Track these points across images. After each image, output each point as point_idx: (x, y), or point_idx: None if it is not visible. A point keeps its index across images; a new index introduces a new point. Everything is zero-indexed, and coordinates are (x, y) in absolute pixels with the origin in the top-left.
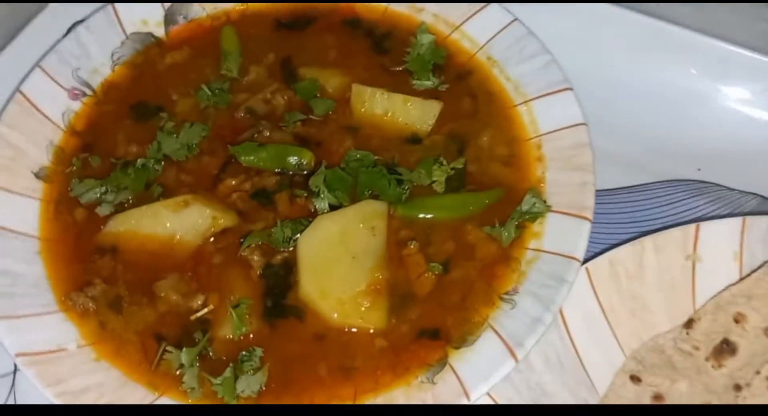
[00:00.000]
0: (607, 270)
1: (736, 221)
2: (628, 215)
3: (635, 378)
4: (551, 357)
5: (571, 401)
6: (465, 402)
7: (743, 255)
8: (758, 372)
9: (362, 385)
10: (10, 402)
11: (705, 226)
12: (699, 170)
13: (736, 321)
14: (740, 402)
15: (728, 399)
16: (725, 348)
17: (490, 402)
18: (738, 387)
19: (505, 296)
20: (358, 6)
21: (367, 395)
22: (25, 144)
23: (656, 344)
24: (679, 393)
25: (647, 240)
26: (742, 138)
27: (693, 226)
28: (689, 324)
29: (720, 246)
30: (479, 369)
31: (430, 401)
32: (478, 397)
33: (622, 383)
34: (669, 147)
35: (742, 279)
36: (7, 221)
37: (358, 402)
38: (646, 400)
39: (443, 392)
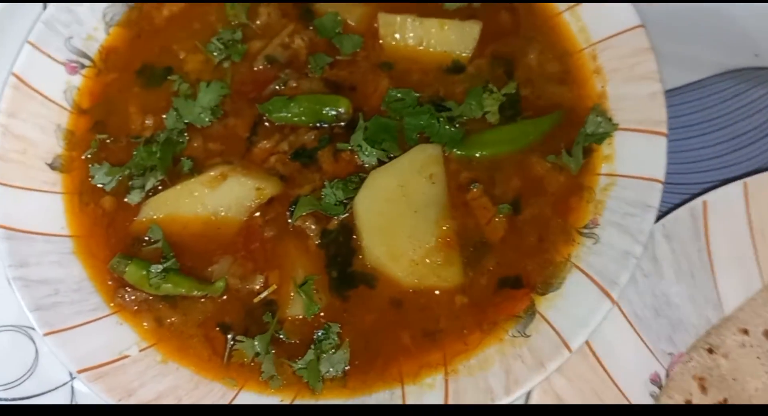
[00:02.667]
0: None
1: None
2: (699, 114)
3: None
4: (684, 268)
5: (693, 316)
6: (566, 354)
7: None
8: None
9: (451, 348)
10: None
11: None
12: (757, 55)
13: None
14: None
15: None
16: None
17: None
18: None
19: (585, 231)
20: None
21: (459, 357)
22: (32, 132)
23: None
24: None
25: None
26: None
27: None
28: None
29: None
30: (573, 315)
31: (527, 356)
32: (579, 347)
33: (764, 302)
34: (723, 37)
35: None
36: (32, 223)
37: (449, 367)
38: None
39: (539, 344)
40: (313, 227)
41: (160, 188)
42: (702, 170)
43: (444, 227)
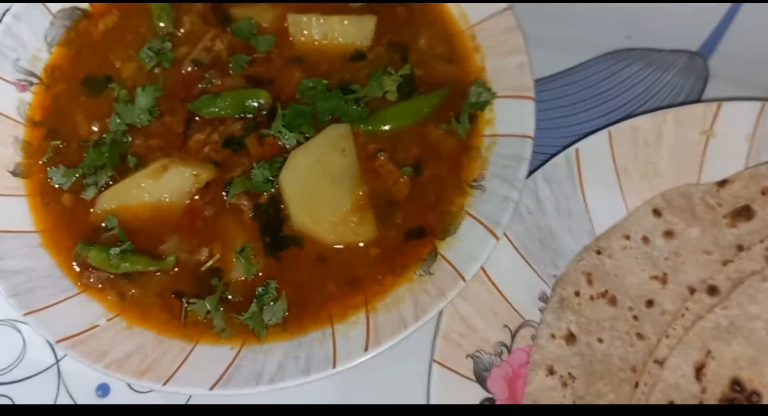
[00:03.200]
0: (628, 135)
1: (756, 105)
2: (577, 95)
3: (657, 212)
4: (562, 205)
5: (572, 244)
6: (461, 284)
7: (755, 138)
8: (762, 242)
9: (370, 291)
10: (62, 389)
11: (726, 105)
12: (629, 38)
13: (763, 193)
14: (737, 260)
15: (728, 255)
16: (743, 213)
17: (506, 243)
18: (740, 248)
19: (474, 184)
20: None
21: (377, 298)
22: None
23: (687, 191)
24: (689, 237)
25: (670, 112)
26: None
27: (715, 104)
28: (723, 183)
29: (735, 126)
30: (467, 253)
31: (432, 290)
32: (472, 277)
33: (645, 213)
34: (597, 22)
35: None
36: (2, 223)
37: (370, 307)
38: (658, 233)
39: (441, 279)
40: (246, 202)
41: (110, 183)
42: (577, 131)
43: (358, 192)
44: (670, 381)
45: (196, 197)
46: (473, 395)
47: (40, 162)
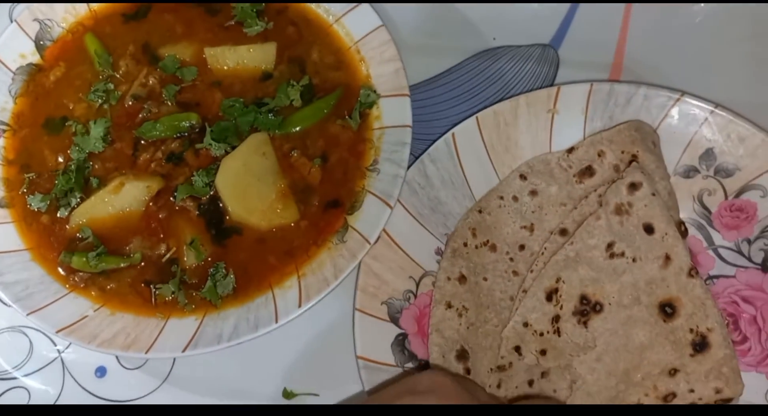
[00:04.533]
0: (492, 118)
1: (586, 86)
2: (453, 91)
3: (523, 177)
4: (446, 178)
5: (457, 207)
6: (368, 246)
7: (588, 110)
8: (595, 190)
9: (300, 260)
10: (67, 376)
11: (564, 88)
12: (494, 39)
13: (599, 155)
14: (579, 206)
15: (576, 203)
16: (587, 171)
17: (402, 210)
18: (586, 198)
19: (371, 167)
20: None
21: (305, 265)
22: None
23: (545, 158)
24: (549, 194)
25: (522, 98)
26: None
27: (555, 88)
28: (571, 150)
29: (572, 103)
30: (369, 221)
31: (345, 253)
32: (376, 240)
33: (514, 177)
34: (466, 28)
35: (610, 128)
36: None
37: (300, 273)
38: (525, 193)
39: (352, 244)
40: (191, 204)
41: (79, 202)
42: (454, 121)
43: (280, 185)
44: (528, 305)
45: (151, 204)
46: (389, 332)
47: (20, 193)
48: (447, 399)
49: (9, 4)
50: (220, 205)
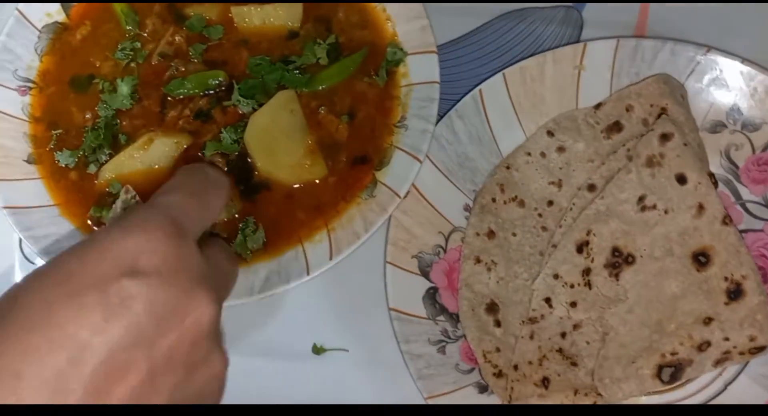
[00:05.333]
0: (518, 74)
1: (612, 42)
2: (479, 51)
3: (550, 133)
4: (473, 134)
5: (484, 164)
6: (398, 200)
7: (614, 67)
8: (624, 145)
9: (328, 215)
10: None
11: (590, 44)
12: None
13: (627, 110)
14: (607, 162)
15: (604, 159)
16: (615, 127)
17: (431, 166)
18: (614, 153)
19: (399, 124)
20: None
21: (334, 220)
22: (8, 142)
23: (572, 115)
24: (576, 150)
25: (548, 54)
26: None
27: (582, 44)
28: (598, 106)
29: (599, 59)
30: (398, 176)
31: (375, 207)
32: (405, 194)
33: (540, 134)
34: None
35: (638, 82)
36: (26, 201)
37: (329, 227)
38: (552, 149)
39: (381, 198)
40: (220, 160)
41: (108, 158)
42: (481, 78)
43: (307, 141)
44: (559, 257)
45: (179, 161)
46: (420, 286)
47: (47, 149)
48: (170, 279)
49: None
50: (249, 161)
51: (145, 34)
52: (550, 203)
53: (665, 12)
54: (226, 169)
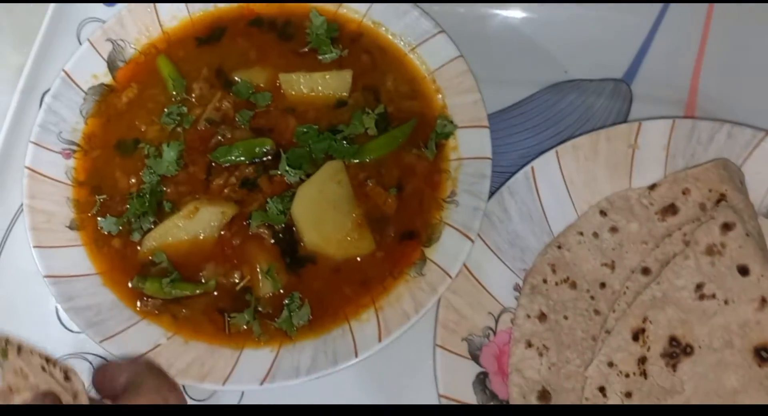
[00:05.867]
0: (571, 152)
1: (668, 122)
2: (528, 123)
3: (603, 213)
4: (524, 212)
5: (534, 242)
6: (449, 280)
7: (670, 147)
8: (680, 229)
9: (375, 292)
10: None
11: (645, 123)
12: (566, 71)
13: (683, 193)
14: (662, 245)
15: (658, 242)
16: (670, 209)
17: (480, 244)
18: (669, 236)
19: (449, 199)
20: (256, 6)
21: (381, 297)
22: (50, 207)
23: (625, 195)
24: (629, 231)
25: (602, 132)
26: (593, 32)
27: (636, 123)
28: (653, 187)
29: (654, 139)
30: (448, 254)
31: (424, 286)
32: (456, 274)
33: (593, 213)
34: (538, 61)
35: (696, 166)
36: (68, 270)
37: (377, 305)
38: (605, 229)
39: (431, 277)
40: (266, 231)
41: (152, 226)
42: (530, 152)
43: (355, 214)
44: (613, 344)
45: (224, 231)
46: (470, 370)
47: (89, 215)
48: None
49: (76, 23)
50: (295, 233)
51: (192, 99)
52: (603, 285)
53: (716, 90)
54: (272, 241)
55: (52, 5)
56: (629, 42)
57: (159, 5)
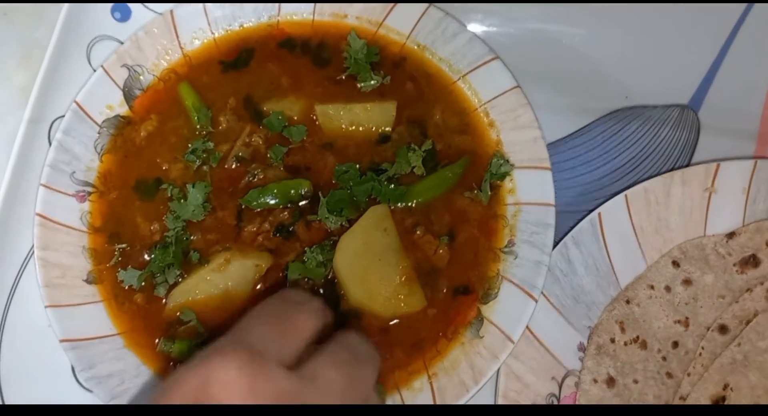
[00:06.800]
0: (642, 196)
1: (749, 163)
2: (587, 154)
3: (675, 263)
4: (590, 264)
5: (601, 297)
6: (511, 345)
7: (750, 190)
8: (762, 283)
9: (428, 356)
10: None
11: (724, 165)
12: (627, 97)
13: (767, 244)
14: (741, 300)
15: (738, 296)
16: (751, 261)
17: (543, 301)
18: (749, 290)
19: (506, 250)
20: (286, 25)
21: (434, 362)
22: (65, 259)
23: (700, 243)
24: (704, 284)
25: (677, 174)
26: (657, 54)
27: (714, 164)
28: (731, 235)
29: (733, 182)
30: (510, 315)
31: (484, 352)
32: (519, 338)
33: (665, 264)
34: (597, 85)
35: None
36: (86, 331)
37: (430, 372)
38: (678, 282)
39: (490, 341)
40: (305, 286)
41: (179, 279)
42: (597, 197)
43: (403, 266)
44: None
45: (259, 286)
46: None
47: (108, 265)
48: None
49: (86, 42)
50: (336, 287)
51: (218, 132)
52: (675, 344)
53: None
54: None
55: (59, 24)
56: (696, 65)
57: (179, 24)
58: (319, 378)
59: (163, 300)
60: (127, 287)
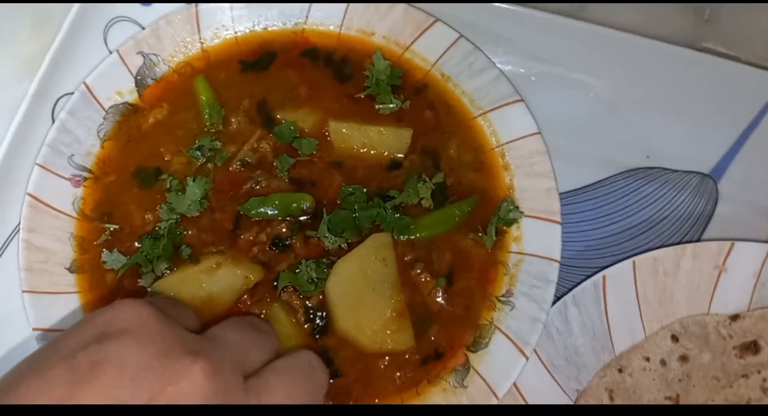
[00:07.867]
0: (650, 265)
1: (764, 247)
2: (600, 210)
3: (674, 338)
4: (587, 326)
5: (593, 361)
6: (495, 401)
7: (761, 275)
8: (759, 372)
9: (406, 395)
10: None
11: (738, 245)
12: (648, 157)
13: None
14: (735, 387)
15: (733, 381)
16: (752, 347)
17: (535, 359)
18: (745, 376)
19: (503, 299)
20: (312, 34)
21: (414, 401)
22: (50, 244)
23: (702, 320)
24: (701, 362)
25: (689, 247)
26: (685, 118)
27: (729, 243)
28: (735, 317)
29: (745, 263)
30: (498, 369)
31: (465, 401)
32: (504, 394)
33: (664, 337)
34: (618, 141)
35: None
36: (61, 322)
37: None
38: (674, 357)
39: (475, 393)
40: (297, 302)
41: (166, 272)
42: (603, 254)
43: (396, 300)
44: None
45: (245, 297)
46: None
47: (96, 243)
48: (146, 338)
49: (104, 22)
50: (325, 312)
51: (228, 132)
52: None
53: None
54: (302, 318)
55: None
56: (723, 135)
57: (202, 18)
58: (218, 337)
59: (148, 289)
60: (111, 269)
